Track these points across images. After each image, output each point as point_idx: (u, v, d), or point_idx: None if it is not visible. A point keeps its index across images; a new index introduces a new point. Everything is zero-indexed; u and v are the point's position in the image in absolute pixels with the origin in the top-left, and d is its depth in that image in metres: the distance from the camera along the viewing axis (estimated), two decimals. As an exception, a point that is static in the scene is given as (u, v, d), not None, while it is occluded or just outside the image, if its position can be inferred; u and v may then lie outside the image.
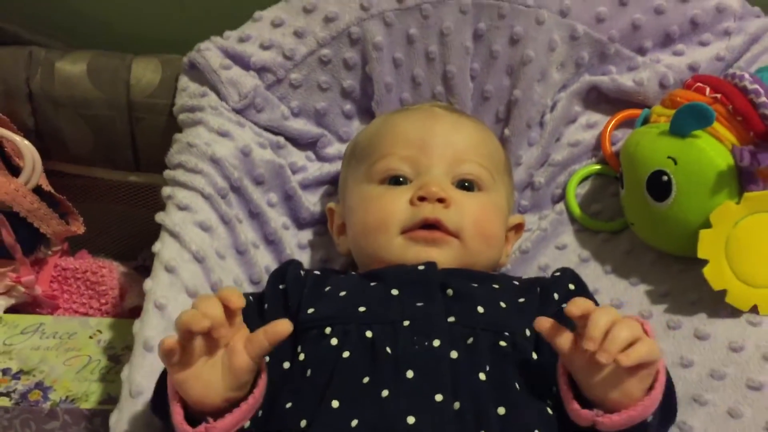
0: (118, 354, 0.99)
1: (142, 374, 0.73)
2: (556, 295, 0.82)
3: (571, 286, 0.85)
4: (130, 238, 1.21)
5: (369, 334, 0.72)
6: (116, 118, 1.05)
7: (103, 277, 1.09)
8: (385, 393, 0.68)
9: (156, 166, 1.05)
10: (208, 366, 0.64)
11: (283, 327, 0.65)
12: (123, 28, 1.19)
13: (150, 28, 1.18)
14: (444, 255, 0.83)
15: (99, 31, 1.19)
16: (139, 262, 1.19)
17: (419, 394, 0.68)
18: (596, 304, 0.84)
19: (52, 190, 1.06)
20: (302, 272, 0.85)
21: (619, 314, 0.67)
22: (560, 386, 0.69)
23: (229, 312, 0.64)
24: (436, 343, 0.72)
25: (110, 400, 0.93)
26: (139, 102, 1.04)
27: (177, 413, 0.64)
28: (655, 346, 0.66)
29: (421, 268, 0.81)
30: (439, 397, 0.68)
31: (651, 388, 0.67)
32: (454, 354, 0.71)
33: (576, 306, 0.67)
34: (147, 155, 1.08)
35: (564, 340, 0.67)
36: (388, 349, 0.72)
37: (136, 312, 1.07)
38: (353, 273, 0.87)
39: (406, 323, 0.74)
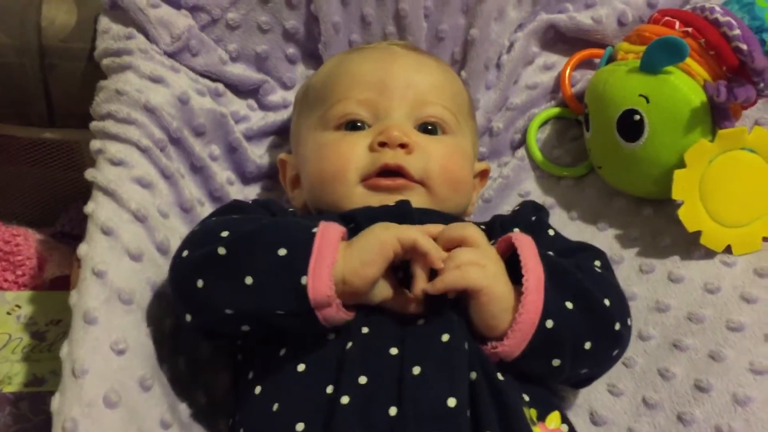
0: (42, 330, 0.92)
1: (86, 350, 0.64)
2: (516, 230, 0.78)
3: (533, 218, 0.82)
4: (46, 202, 1.11)
5: None
6: (26, 65, 0.94)
7: (18, 246, 1.00)
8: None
9: (74, 119, 0.97)
10: None
11: None
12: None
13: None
14: (411, 201, 0.78)
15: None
16: (57, 228, 1.10)
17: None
18: (555, 233, 0.82)
19: (-46, 151, 0.94)
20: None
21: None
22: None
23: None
24: None
25: (37, 381, 0.87)
26: (53, 47, 0.93)
27: (328, 277, 0.64)
28: (474, 270, 0.66)
29: (392, 204, 0.77)
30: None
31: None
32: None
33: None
34: (63, 108, 0.97)
35: None
36: None
37: (57, 283, 1.00)
38: (328, 212, 0.81)
39: None
